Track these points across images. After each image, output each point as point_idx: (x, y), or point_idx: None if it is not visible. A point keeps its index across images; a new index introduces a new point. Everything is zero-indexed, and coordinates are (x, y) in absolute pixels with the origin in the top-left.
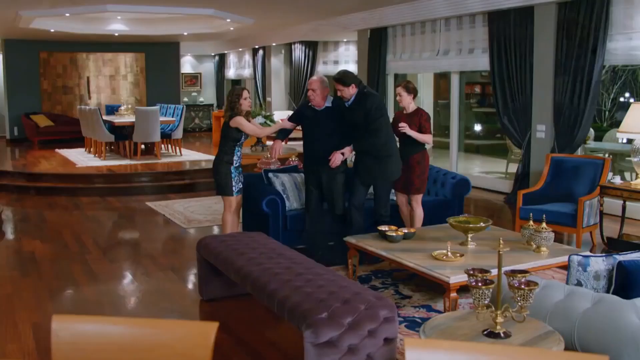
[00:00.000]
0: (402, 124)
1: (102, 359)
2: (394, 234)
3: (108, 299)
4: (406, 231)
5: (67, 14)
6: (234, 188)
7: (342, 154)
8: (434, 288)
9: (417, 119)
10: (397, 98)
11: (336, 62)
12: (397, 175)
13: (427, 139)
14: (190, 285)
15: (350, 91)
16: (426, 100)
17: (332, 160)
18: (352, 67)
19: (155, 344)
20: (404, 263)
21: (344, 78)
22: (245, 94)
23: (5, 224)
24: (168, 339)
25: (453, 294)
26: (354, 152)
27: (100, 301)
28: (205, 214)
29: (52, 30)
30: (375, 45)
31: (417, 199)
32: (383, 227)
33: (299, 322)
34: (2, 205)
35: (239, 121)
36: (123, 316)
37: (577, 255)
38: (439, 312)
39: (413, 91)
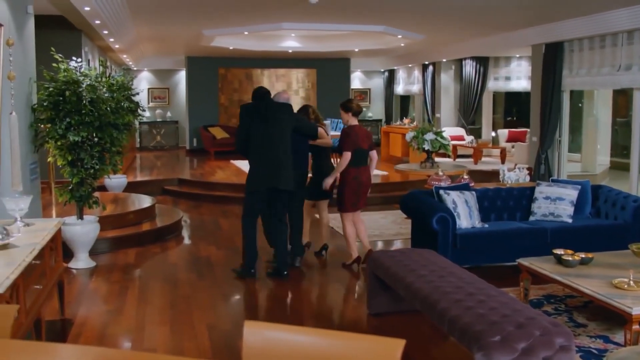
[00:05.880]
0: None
1: None
2: (570, 258)
3: (277, 306)
4: (583, 256)
5: (246, 32)
6: None
7: None
8: (612, 318)
9: None
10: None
11: (507, 78)
12: (251, 185)
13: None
14: (356, 298)
15: None
16: (602, 119)
17: None
18: (525, 84)
19: (341, 356)
20: (580, 289)
21: None
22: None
23: (184, 230)
24: (353, 352)
25: (635, 326)
26: None
27: (269, 307)
28: (373, 228)
29: (230, 48)
30: (551, 60)
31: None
32: (559, 251)
33: (469, 344)
34: (182, 212)
35: None
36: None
37: None
38: (618, 344)
39: (351, 109)
